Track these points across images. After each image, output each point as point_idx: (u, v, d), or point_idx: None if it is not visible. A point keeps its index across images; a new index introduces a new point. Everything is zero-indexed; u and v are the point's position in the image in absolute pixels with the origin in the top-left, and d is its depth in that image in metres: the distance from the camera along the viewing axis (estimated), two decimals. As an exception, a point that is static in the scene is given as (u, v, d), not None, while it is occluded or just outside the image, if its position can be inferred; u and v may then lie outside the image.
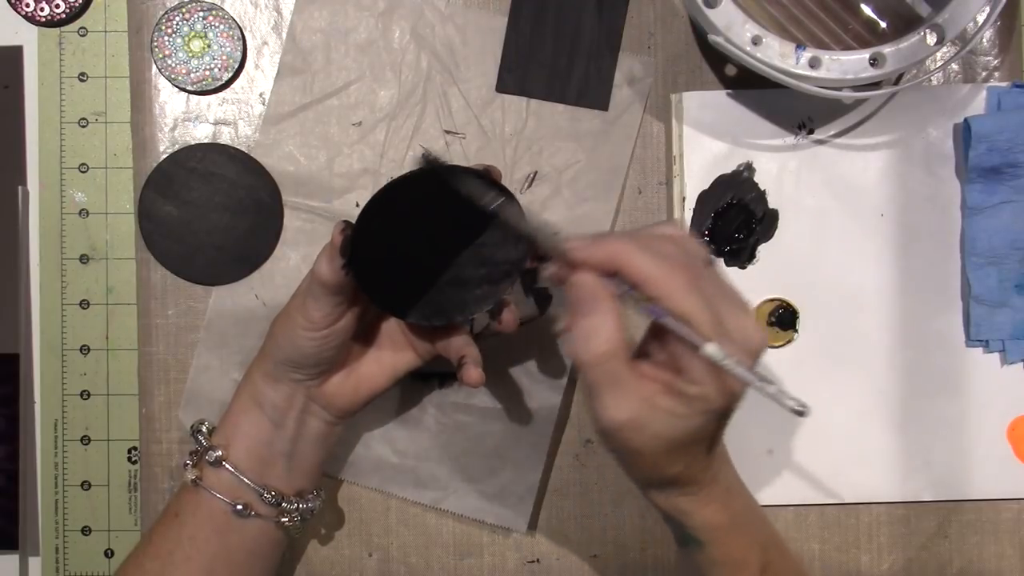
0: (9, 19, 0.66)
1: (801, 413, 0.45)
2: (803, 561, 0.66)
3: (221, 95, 0.66)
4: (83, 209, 0.67)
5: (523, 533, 0.66)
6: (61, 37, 0.66)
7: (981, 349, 0.65)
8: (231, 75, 0.66)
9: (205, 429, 0.59)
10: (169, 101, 0.66)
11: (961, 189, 0.65)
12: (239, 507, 0.57)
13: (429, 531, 0.66)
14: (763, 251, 0.65)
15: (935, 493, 0.65)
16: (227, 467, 0.57)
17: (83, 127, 0.67)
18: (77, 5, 0.66)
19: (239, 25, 0.66)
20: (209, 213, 0.65)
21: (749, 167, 0.64)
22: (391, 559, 0.66)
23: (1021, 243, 0.64)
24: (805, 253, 0.65)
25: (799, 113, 0.64)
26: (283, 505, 0.58)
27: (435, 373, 0.65)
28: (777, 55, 0.57)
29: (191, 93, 0.66)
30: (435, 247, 0.53)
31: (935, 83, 0.66)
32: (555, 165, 0.65)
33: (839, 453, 0.65)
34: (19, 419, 0.66)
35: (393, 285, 0.54)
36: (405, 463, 0.65)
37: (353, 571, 0.66)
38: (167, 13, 0.65)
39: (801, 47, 0.57)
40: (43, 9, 0.66)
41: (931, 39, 0.57)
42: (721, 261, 0.65)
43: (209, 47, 0.65)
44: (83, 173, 0.67)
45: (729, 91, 0.64)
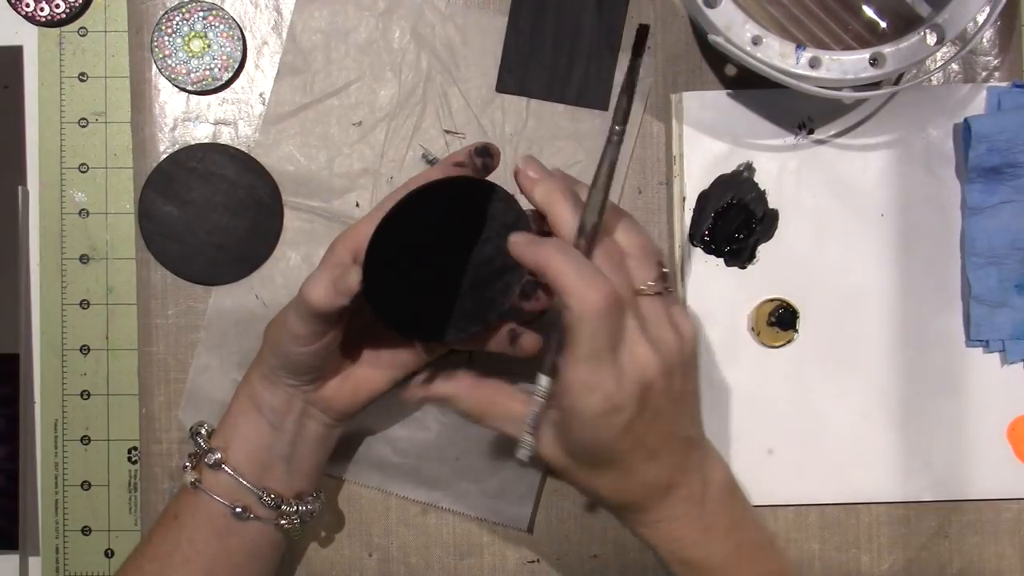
0: (9, 19, 0.66)
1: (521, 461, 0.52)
2: None
3: (221, 95, 0.66)
4: (83, 209, 0.67)
5: (523, 533, 0.66)
6: (61, 37, 0.66)
7: (981, 349, 0.65)
8: (231, 75, 0.65)
9: (204, 431, 0.59)
10: (169, 101, 0.66)
11: (961, 189, 0.65)
12: (238, 510, 0.57)
13: (429, 531, 0.66)
14: (763, 251, 0.65)
15: (935, 493, 0.65)
16: (226, 470, 0.57)
17: (83, 127, 0.67)
18: (77, 5, 0.66)
19: (239, 25, 0.66)
20: (209, 213, 0.65)
21: (749, 167, 0.64)
22: (391, 559, 0.66)
23: (1021, 243, 0.64)
24: (805, 253, 0.65)
25: (799, 113, 0.64)
26: (282, 508, 0.58)
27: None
28: (777, 55, 0.57)
29: (191, 93, 0.66)
30: (445, 258, 0.53)
31: (935, 83, 0.66)
32: (555, 165, 0.65)
33: (839, 453, 0.65)
34: (19, 419, 0.66)
35: (418, 311, 0.53)
36: (406, 462, 0.65)
37: (353, 571, 0.66)
38: (167, 13, 0.65)
39: (801, 47, 0.57)
40: (43, 9, 0.66)
41: (931, 39, 0.57)
42: (721, 261, 0.65)
43: (209, 47, 0.65)
44: (83, 173, 0.67)
45: (729, 91, 0.64)
